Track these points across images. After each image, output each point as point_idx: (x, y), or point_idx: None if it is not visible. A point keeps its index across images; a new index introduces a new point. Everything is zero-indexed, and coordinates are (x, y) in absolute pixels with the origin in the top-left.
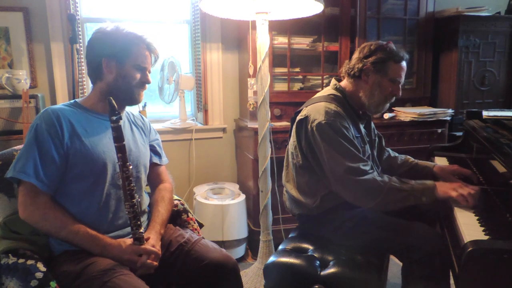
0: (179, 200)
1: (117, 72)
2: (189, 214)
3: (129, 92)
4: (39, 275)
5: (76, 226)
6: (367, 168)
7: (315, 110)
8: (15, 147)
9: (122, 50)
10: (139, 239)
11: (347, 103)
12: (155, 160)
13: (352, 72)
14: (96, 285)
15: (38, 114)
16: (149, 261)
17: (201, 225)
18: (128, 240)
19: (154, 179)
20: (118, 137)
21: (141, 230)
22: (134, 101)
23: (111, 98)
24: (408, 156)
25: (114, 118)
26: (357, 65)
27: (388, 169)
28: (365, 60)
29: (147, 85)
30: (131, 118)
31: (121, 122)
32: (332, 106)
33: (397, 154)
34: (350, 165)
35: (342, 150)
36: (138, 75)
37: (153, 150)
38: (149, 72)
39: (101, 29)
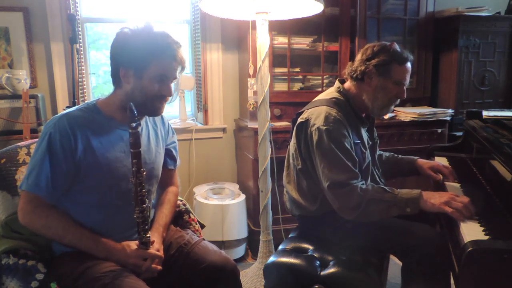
0: (181, 201)
1: (135, 84)
2: (191, 215)
3: (147, 105)
4: (39, 276)
5: (79, 231)
6: (353, 181)
7: (316, 114)
8: (19, 144)
9: (140, 62)
10: (145, 244)
11: (349, 107)
12: (170, 166)
13: (355, 75)
14: (97, 287)
15: (53, 120)
16: (153, 265)
17: (202, 226)
18: (132, 243)
19: (164, 181)
20: (135, 144)
21: (148, 235)
22: (153, 113)
23: (131, 104)
24: (393, 153)
25: (134, 125)
26: (360, 68)
27: None
28: (367, 63)
29: (169, 97)
30: (150, 120)
31: (141, 130)
32: (333, 112)
33: (382, 152)
34: (336, 177)
35: (332, 160)
36: (157, 87)
37: (169, 154)
38: (173, 81)
39: (124, 30)
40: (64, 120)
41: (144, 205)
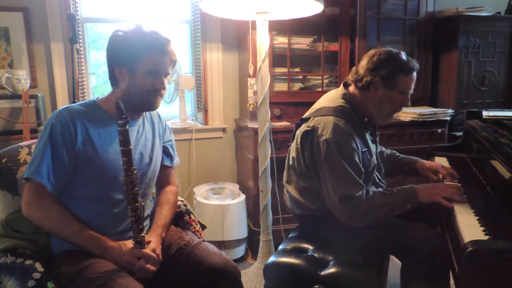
0: (181, 201)
1: (129, 80)
2: (191, 215)
3: (143, 100)
4: (36, 275)
5: (78, 227)
6: (360, 192)
7: (323, 124)
8: (21, 143)
9: (132, 58)
10: (140, 243)
11: (355, 114)
12: (166, 162)
13: (360, 84)
14: (93, 287)
15: (55, 113)
16: (147, 265)
17: (203, 227)
18: (129, 243)
19: (162, 181)
20: (125, 141)
21: (142, 234)
22: (149, 108)
23: (119, 101)
24: (394, 151)
25: (121, 122)
26: (366, 78)
27: None
28: (373, 73)
29: (163, 91)
30: (147, 117)
31: (139, 127)
32: (341, 123)
33: (383, 149)
34: (346, 192)
35: (342, 175)
36: (150, 82)
37: (166, 151)
38: (166, 75)
39: (115, 33)
40: (65, 112)
41: (136, 204)
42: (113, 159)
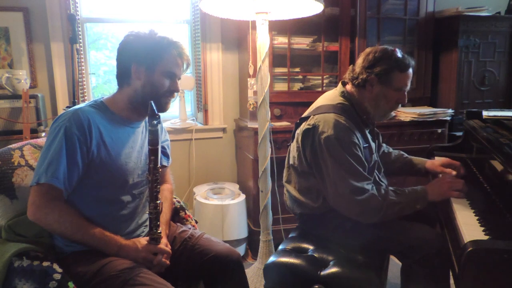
0: (174, 198)
1: (146, 79)
2: (186, 211)
3: (156, 100)
4: (57, 276)
5: (91, 228)
6: (370, 186)
7: (324, 121)
8: (11, 146)
9: (153, 56)
10: (156, 239)
11: (355, 112)
12: (164, 162)
13: (356, 82)
14: (117, 284)
15: (67, 114)
16: (163, 259)
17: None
18: (142, 240)
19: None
20: (154, 140)
21: (159, 231)
22: (161, 109)
23: (152, 102)
24: (402, 152)
25: (155, 122)
26: (362, 76)
27: (382, 164)
28: (369, 71)
29: (175, 94)
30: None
31: (143, 129)
32: (342, 119)
33: (391, 150)
34: (355, 184)
35: (348, 168)
36: (167, 83)
37: (163, 151)
38: (179, 79)
39: (133, 32)
40: (79, 114)
41: (157, 201)
42: (124, 162)
